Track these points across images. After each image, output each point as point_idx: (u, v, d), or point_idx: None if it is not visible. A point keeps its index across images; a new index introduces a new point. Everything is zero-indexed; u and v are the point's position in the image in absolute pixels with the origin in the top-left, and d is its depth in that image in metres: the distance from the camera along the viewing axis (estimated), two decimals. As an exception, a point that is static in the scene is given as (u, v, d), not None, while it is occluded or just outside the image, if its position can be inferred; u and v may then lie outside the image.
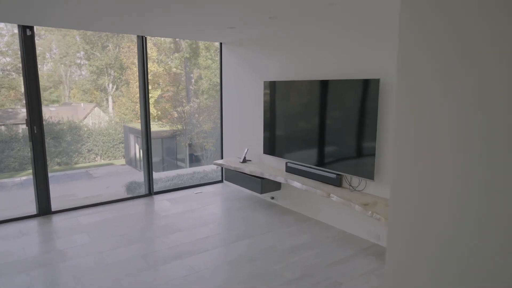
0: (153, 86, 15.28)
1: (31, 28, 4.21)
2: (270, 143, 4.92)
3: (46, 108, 15.31)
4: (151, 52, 15.43)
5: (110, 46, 16.27)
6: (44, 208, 4.55)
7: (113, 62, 16.14)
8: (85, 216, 4.64)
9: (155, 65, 15.38)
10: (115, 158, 15.55)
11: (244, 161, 5.26)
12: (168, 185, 6.23)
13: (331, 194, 3.91)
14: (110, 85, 16.77)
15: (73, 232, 4.13)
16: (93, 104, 16.77)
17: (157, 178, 6.67)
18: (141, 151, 14.86)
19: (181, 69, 15.24)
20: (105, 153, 15.47)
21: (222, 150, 6.08)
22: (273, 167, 5.00)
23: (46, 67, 16.35)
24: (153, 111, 15.32)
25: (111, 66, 16.22)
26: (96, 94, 16.89)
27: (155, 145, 14.14)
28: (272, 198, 5.15)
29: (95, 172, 14.58)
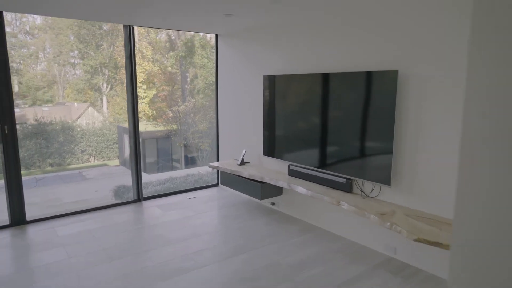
0: (148, 85, 14.72)
1: None
2: (271, 143, 4.38)
3: (39, 108, 14.69)
4: (146, 51, 14.88)
5: (104, 45, 15.68)
6: (17, 217, 3.97)
7: (107, 61, 15.55)
8: (64, 226, 4.07)
9: (150, 64, 14.83)
10: (109, 158, 14.97)
11: (242, 163, 4.72)
12: (159, 189, 5.68)
13: (341, 202, 3.37)
14: (105, 85, 16.19)
15: (47, 246, 3.56)
16: (87, 104, 16.17)
17: (147, 181, 6.11)
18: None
19: (177, 68, 14.68)
20: (99, 154, 14.87)
21: (218, 151, 5.52)
22: (274, 170, 4.47)
23: (39, 67, 15.74)
24: (148, 111, 14.76)
25: (105, 65, 15.63)
26: (90, 94, 16.28)
27: (149, 145, 13.54)
28: (273, 204, 4.61)
29: (88, 173, 13.99)
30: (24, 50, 14.79)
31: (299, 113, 3.99)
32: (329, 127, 3.69)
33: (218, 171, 5.50)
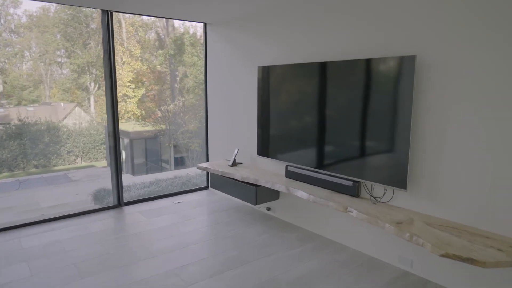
0: (136, 85, 14.11)
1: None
2: (266, 142, 3.88)
3: (23, 108, 13.97)
4: (134, 49, 14.27)
5: (92, 43, 15.01)
6: (-24, 227, 3.40)
7: (95, 60, 14.86)
8: (32, 236, 3.49)
9: (138, 62, 14.22)
10: (97, 159, 14.30)
11: (234, 164, 4.20)
12: (143, 193, 5.13)
13: (349, 208, 2.88)
14: (92, 84, 15.50)
15: (7, 262, 2.99)
16: (74, 104, 15.46)
17: (131, 184, 5.54)
18: (123, 152, 13.62)
19: (166, 67, 14.10)
20: (86, 155, 14.19)
21: (207, 151, 5.00)
22: (270, 171, 3.96)
23: (25, 66, 15.00)
24: (137, 111, 14.14)
25: (92, 64, 14.94)
26: (77, 94, 15.57)
27: (137, 146, 12.92)
28: (268, 209, 4.10)
29: (74, 174, 13.31)
30: (9, 49, 14.07)
31: (298, 108, 3.49)
32: (332, 123, 3.20)
33: (207, 172, 4.97)
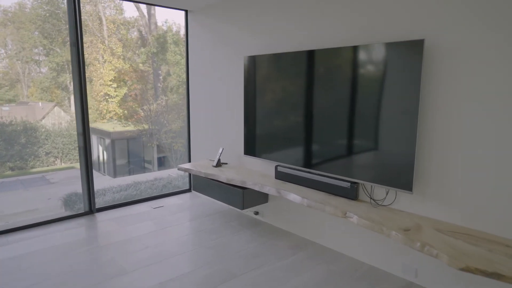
0: (118, 84, 13.52)
1: None
2: (254, 140, 3.48)
3: (-2, 108, 13.17)
4: (116, 48, 13.67)
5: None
6: None
7: (74, 59, 14.13)
8: (-14, 250, 3.00)
9: (120, 61, 13.62)
10: (77, 161, 13.58)
11: (219, 164, 3.79)
12: (119, 197, 4.66)
13: (348, 213, 2.52)
14: (72, 83, 14.78)
15: (-50, 283, 2.51)
16: (53, 104, 14.71)
17: (106, 187, 5.05)
18: (104, 153, 13.00)
19: (149, 66, 13.54)
20: (66, 156, 13.48)
21: (189, 150, 4.56)
22: (258, 172, 3.57)
23: (0, 64, 14.17)
24: (119, 111, 13.54)
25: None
26: (56, 93, 14.82)
27: (119, 146, 12.33)
28: (257, 213, 3.71)
29: (53, 177, 12.61)
30: (-18, 46, 13.27)
31: (288, 101, 3.10)
32: (328, 118, 2.82)
33: (190, 174, 4.54)
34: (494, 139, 2.06)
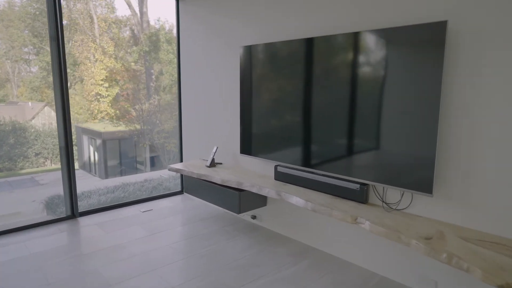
0: (110, 83, 13.12)
1: None
2: (251, 138, 3.16)
3: (-15, 109, 12.70)
4: (107, 47, 13.29)
5: (62, 40, 13.86)
6: None
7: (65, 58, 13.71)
8: (-50, 261, 2.63)
9: (112, 60, 13.23)
10: (68, 162, 13.15)
11: (213, 164, 3.47)
12: (105, 200, 4.30)
13: (359, 219, 2.21)
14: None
15: None
16: (43, 103, 14.23)
17: (92, 189, 4.68)
18: (95, 153, 12.58)
19: (141, 65, 13.16)
20: (56, 157, 12.99)
21: (181, 149, 4.22)
22: (255, 173, 3.25)
23: (-11, 64, 13.67)
24: (111, 111, 13.14)
25: (63, 62, 13.78)
26: (47, 93, 14.34)
27: (111, 147, 11.93)
28: (254, 217, 3.38)
29: (42, 178, 12.14)
30: (-31, 45, 12.81)
31: (290, 95, 2.78)
32: (334, 113, 2.52)
33: (182, 175, 4.20)
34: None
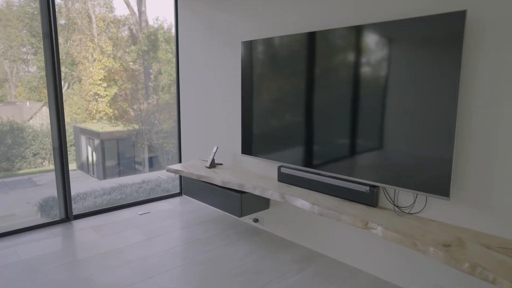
0: (108, 83, 12.95)
1: None
2: (252, 137, 3.00)
3: (-18, 108, 12.52)
4: (106, 46, 13.12)
5: (60, 39, 13.67)
6: None
7: (63, 58, 13.53)
8: None
9: (110, 60, 13.06)
10: (66, 162, 12.97)
11: (213, 165, 3.30)
12: (101, 202, 4.13)
13: (370, 223, 2.05)
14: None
15: None
16: (41, 103, 14.04)
17: (88, 191, 4.51)
18: (94, 154, 12.40)
19: (140, 65, 12.99)
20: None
21: (180, 149, 4.06)
22: (257, 174, 3.09)
23: (-13, 63, 13.48)
24: (109, 111, 12.98)
25: (61, 62, 13.59)
26: (45, 93, 14.13)
27: (109, 147, 11.75)
28: (256, 220, 3.22)
29: (40, 179, 11.95)
30: (-32, 45, 12.62)
31: (294, 93, 2.62)
32: (342, 110, 2.36)
33: (180, 176, 4.03)
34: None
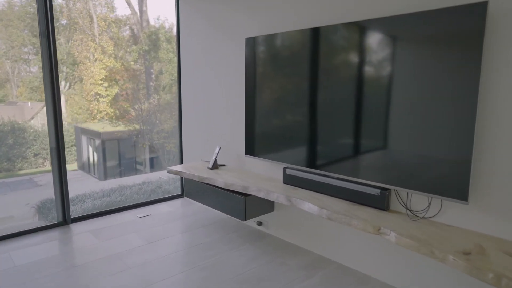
0: (110, 83, 12.86)
1: None
2: (257, 138, 2.87)
3: (-16, 109, 12.46)
4: (107, 46, 13.03)
5: (61, 39, 13.58)
6: None
7: (65, 57, 13.44)
8: None
9: (111, 60, 12.97)
10: (67, 162, 12.88)
11: (215, 166, 3.18)
12: (101, 204, 4.01)
13: (382, 229, 1.93)
14: (63, 83, 14.07)
15: None
16: (43, 103, 13.94)
17: (87, 192, 4.39)
18: (94, 154, 12.30)
19: (141, 65, 12.89)
20: (55, 158, 12.70)
21: (181, 150, 3.94)
22: (262, 175, 2.96)
23: (-11, 64, 13.41)
24: (110, 111, 12.89)
25: (63, 61, 13.51)
26: (46, 93, 14.06)
27: (110, 147, 11.66)
28: (260, 224, 3.10)
29: (41, 179, 11.86)
30: (-31, 45, 12.58)
31: (301, 90, 2.49)
32: (351, 109, 2.23)
33: (182, 177, 3.91)
34: None
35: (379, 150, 2.10)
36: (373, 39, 2.06)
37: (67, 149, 12.99)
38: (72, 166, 12.91)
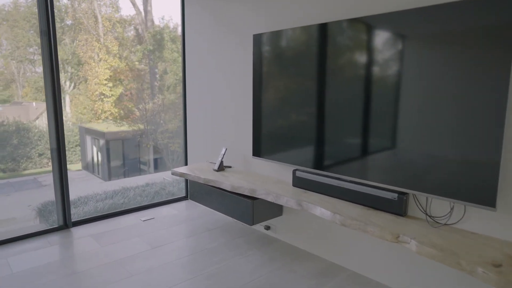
0: (114, 83, 12.80)
1: None
2: (265, 138, 2.74)
3: (-10, 109, 12.46)
4: (111, 46, 12.98)
5: (66, 40, 13.55)
6: None
7: (70, 58, 13.40)
8: None
9: (116, 60, 12.91)
10: (71, 162, 12.82)
11: (221, 168, 3.05)
12: (103, 207, 3.89)
13: (401, 236, 1.79)
14: (68, 83, 14.03)
15: None
16: (47, 104, 13.94)
17: (90, 194, 4.28)
18: (99, 154, 12.24)
19: (145, 64, 12.82)
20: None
21: (186, 151, 3.82)
22: (270, 178, 2.83)
23: (-5, 64, 13.42)
24: (114, 111, 12.83)
25: (67, 62, 13.47)
26: (51, 93, 14.04)
27: (114, 147, 11.59)
28: (268, 228, 2.96)
29: (45, 179, 11.83)
30: (-25, 46, 12.57)
31: (312, 89, 2.36)
32: (366, 108, 2.09)
33: (186, 179, 3.79)
34: None
35: (396, 152, 1.96)
36: (402, 33, 1.92)
37: (72, 149, 12.98)
38: (76, 166, 12.88)
